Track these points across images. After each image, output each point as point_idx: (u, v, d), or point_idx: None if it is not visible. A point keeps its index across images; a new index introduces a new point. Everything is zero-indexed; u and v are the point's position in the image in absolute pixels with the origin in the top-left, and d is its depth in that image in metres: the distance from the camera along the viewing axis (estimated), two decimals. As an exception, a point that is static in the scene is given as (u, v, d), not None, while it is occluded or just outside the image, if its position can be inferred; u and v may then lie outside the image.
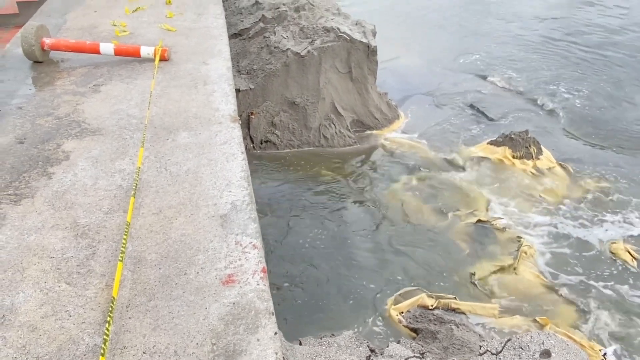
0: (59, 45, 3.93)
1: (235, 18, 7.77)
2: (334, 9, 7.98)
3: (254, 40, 7.32)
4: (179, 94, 3.69)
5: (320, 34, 6.98)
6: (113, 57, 4.04)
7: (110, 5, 5.26)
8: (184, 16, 5.11)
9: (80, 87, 3.66)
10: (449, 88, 8.24)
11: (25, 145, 3.00)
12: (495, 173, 6.01)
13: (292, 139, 6.66)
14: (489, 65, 9.12)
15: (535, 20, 11.61)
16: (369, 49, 7.00)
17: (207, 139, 3.18)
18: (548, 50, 9.90)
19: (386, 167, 6.18)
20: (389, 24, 10.67)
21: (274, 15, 7.40)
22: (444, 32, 10.86)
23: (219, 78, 3.97)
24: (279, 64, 6.77)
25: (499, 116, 7.39)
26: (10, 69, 3.91)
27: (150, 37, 4.53)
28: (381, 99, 7.35)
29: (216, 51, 4.42)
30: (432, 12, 12.11)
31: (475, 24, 11.39)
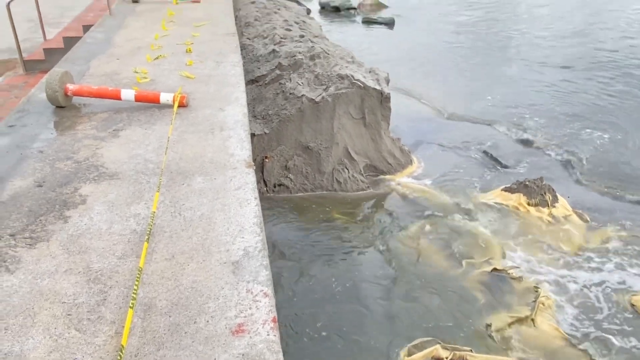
0: (82, 91, 4.07)
1: (253, 65, 7.99)
2: (349, 57, 8.18)
3: (270, 87, 7.49)
4: (195, 139, 3.76)
5: (334, 81, 7.14)
6: (133, 102, 4.16)
7: (132, 53, 5.46)
8: (203, 64, 5.28)
9: (101, 132, 3.75)
10: (462, 134, 8.28)
11: (44, 188, 3.06)
12: (510, 220, 5.94)
13: (305, 183, 6.69)
14: (503, 111, 9.19)
15: (551, 66, 11.75)
16: (382, 96, 7.12)
17: (222, 184, 3.21)
18: (564, 96, 9.96)
19: (399, 212, 6.14)
20: (403, 70, 10.88)
21: (290, 63, 7.61)
22: (458, 77, 11.03)
23: (235, 124, 4.05)
24: (293, 110, 6.89)
25: (512, 163, 7.38)
26: (33, 113, 4.03)
27: (170, 84, 4.66)
28: (394, 145, 7.40)
29: (233, 98, 4.53)
30: (446, 57, 12.35)
31: (490, 69, 11.56)
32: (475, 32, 15.15)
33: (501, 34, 14.94)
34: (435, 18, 16.79)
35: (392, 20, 15.71)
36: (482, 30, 15.34)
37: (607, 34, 15.13)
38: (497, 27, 15.85)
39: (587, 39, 14.56)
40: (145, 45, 5.76)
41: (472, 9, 18.43)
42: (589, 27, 16.02)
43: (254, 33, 9.17)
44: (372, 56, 11.37)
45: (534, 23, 16.37)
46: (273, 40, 8.54)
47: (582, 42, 14.18)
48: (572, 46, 13.84)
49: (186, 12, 7.35)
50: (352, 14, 16.91)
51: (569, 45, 13.89)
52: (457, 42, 13.91)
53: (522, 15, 17.71)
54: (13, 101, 5.58)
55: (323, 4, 17.41)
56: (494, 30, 15.37)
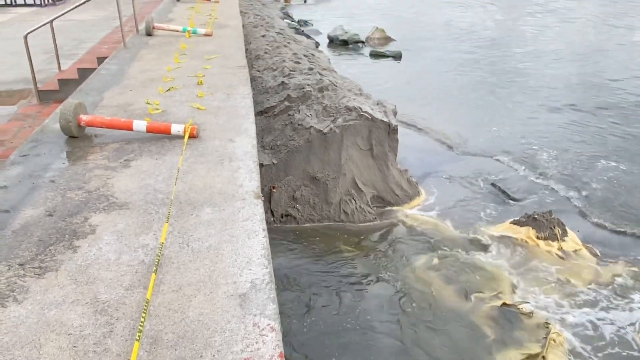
0: (95, 122, 4.14)
1: (262, 97, 8.12)
2: (356, 90, 8.30)
3: (279, 118, 7.59)
4: (205, 170, 3.79)
5: (342, 113, 7.22)
6: (145, 133, 4.22)
7: (145, 85, 5.57)
8: (214, 96, 5.37)
9: (112, 162, 3.80)
10: (470, 166, 8.29)
11: (54, 218, 3.08)
12: (519, 254, 5.88)
13: (312, 214, 6.69)
14: (511, 144, 9.21)
15: (557, 100, 11.82)
16: (390, 128, 7.19)
17: (230, 215, 3.22)
18: (571, 130, 9.99)
19: (407, 244, 6.11)
20: (410, 102, 10.99)
21: (298, 95, 7.72)
22: (465, 110, 11.11)
23: (244, 155, 4.09)
24: (302, 141, 6.96)
25: (521, 196, 7.35)
26: (46, 143, 4.10)
27: (181, 115, 4.74)
28: (402, 176, 7.42)
29: (243, 129, 4.58)
30: (453, 90, 12.47)
31: (497, 103, 11.64)
32: (482, 66, 15.34)
33: (508, 69, 15.12)
34: (442, 52, 17.04)
35: (400, 53, 15.96)
36: (489, 65, 15.53)
37: (612, 69, 15.26)
38: (503, 61, 16.05)
39: (593, 75, 14.68)
40: (158, 77, 5.89)
41: (479, 44, 18.72)
42: (595, 63, 16.18)
43: (264, 65, 9.35)
44: (379, 88, 11.52)
45: (540, 59, 16.57)
46: (282, 72, 8.70)
47: (588, 78, 14.30)
48: (579, 82, 13.95)
49: (198, 46, 7.52)
50: (360, 47, 17.21)
51: (575, 81, 14.01)
52: (464, 76, 14.07)
53: (528, 50, 17.94)
54: (27, 130, 5.69)
55: (331, 37, 17.75)
56: (500, 65, 15.56)
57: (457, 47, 18.00)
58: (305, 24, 20.80)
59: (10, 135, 5.58)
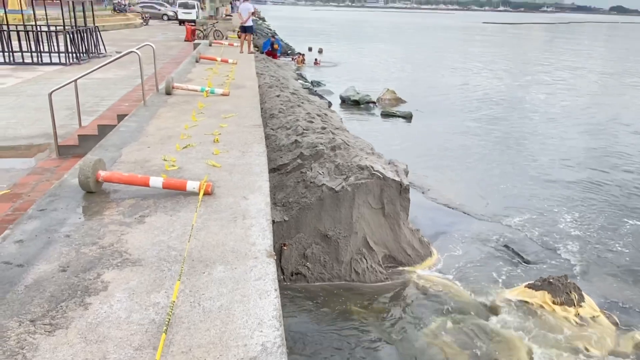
0: (113, 178, 4.23)
1: (275, 154, 8.26)
2: (368, 149, 8.43)
3: (292, 175, 7.68)
4: (218, 227, 3.81)
5: (354, 171, 7.29)
6: (161, 189, 4.29)
7: (163, 142, 5.72)
8: (229, 153, 5.48)
9: (127, 218, 3.84)
10: (482, 227, 8.23)
11: (67, 273, 3.09)
12: (535, 320, 5.71)
13: (322, 272, 6.61)
14: (523, 205, 9.17)
15: (568, 161, 11.86)
16: (402, 187, 7.22)
17: (242, 274, 3.20)
18: (583, 191, 9.95)
19: (419, 307, 5.97)
20: (422, 162, 11.09)
21: (311, 153, 7.85)
22: (475, 170, 11.17)
23: (258, 213, 4.11)
24: (313, 198, 7.00)
25: (534, 258, 7.23)
26: (64, 198, 4.17)
27: (197, 172, 4.82)
28: (413, 235, 7.37)
29: (256, 187, 4.64)
30: (463, 151, 12.59)
31: (507, 164, 11.70)
32: (492, 127, 15.57)
33: (518, 131, 15.32)
34: (452, 113, 17.38)
35: (410, 114, 16.29)
36: (499, 126, 15.76)
37: (624, 130, 15.39)
38: (513, 123, 16.30)
39: (604, 137, 14.81)
40: (176, 134, 6.04)
41: (489, 106, 19.10)
42: (606, 124, 16.36)
43: (278, 124, 9.58)
44: (391, 148, 11.68)
45: (550, 121, 16.81)
46: (296, 131, 8.89)
47: (599, 140, 14.42)
48: (590, 144, 14.06)
49: (215, 105, 7.76)
50: (371, 108, 17.62)
51: (586, 143, 14.12)
52: (475, 137, 14.26)
53: (538, 112, 18.24)
54: (44, 184, 5.81)
55: (344, 97, 18.23)
56: (510, 127, 15.79)
57: (467, 109, 18.36)
58: (318, 84, 21.45)
59: (28, 188, 5.69)
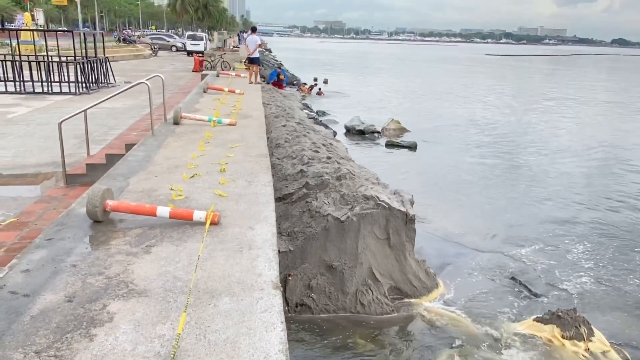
0: (120, 207, 4.25)
1: (281, 184, 8.29)
2: (374, 179, 8.45)
3: (297, 205, 7.68)
4: (224, 257, 3.80)
5: (360, 201, 7.29)
6: (168, 219, 4.30)
7: (170, 171, 5.76)
8: (235, 183, 5.51)
9: (133, 248, 3.85)
10: (488, 258, 8.16)
11: (74, 304, 3.07)
12: (544, 354, 5.59)
13: (327, 304, 6.54)
14: (529, 235, 9.11)
15: (575, 193, 11.83)
16: (407, 217, 7.20)
17: (248, 306, 3.18)
18: (594, 219, 9.89)
19: (426, 340, 5.87)
20: (427, 192, 11.08)
21: (317, 183, 7.87)
22: (481, 200, 11.14)
23: (264, 243, 4.11)
24: (319, 228, 6.98)
25: (542, 291, 7.13)
26: (71, 227, 4.19)
27: (204, 202, 4.84)
28: (419, 267, 7.31)
29: (262, 217, 4.64)
30: (468, 181, 12.60)
31: (513, 194, 11.68)
32: (497, 158, 15.61)
33: (522, 161, 15.35)
34: (456, 143, 17.46)
35: (415, 144, 16.38)
36: (504, 157, 15.80)
37: (627, 164, 15.39)
38: (518, 153, 16.34)
39: (609, 168, 14.80)
40: (183, 164, 6.09)
41: (493, 136, 19.19)
42: (611, 157, 16.37)
43: (284, 153, 9.64)
44: (396, 178, 11.69)
45: (555, 151, 16.85)
46: (301, 160, 8.94)
47: (605, 171, 14.40)
48: (595, 174, 14.05)
49: (222, 134, 7.84)
50: (376, 137, 17.73)
51: (591, 173, 14.11)
52: (479, 167, 14.29)
53: (543, 143, 18.30)
54: (51, 212, 5.83)
55: (349, 127, 18.38)
56: (515, 157, 15.83)
57: (472, 139, 18.45)
58: (323, 114, 21.67)
59: (34, 217, 5.71)
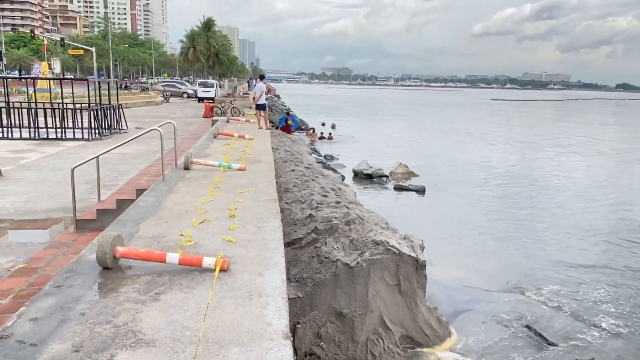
0: (130, 254, 4.24)
1: (289, 228, 8.26)
2: (383, 223, 8.40)
3: (306, 250, 7.62)
4: (233, 306, 3.74)
5: (369, 247, 7.22)
6: (177, 265, 4.27)
7: (180, 216, 5.77)
8: (245, 228, 5.49)
9: (142, 295, 3.80)
10: (502, 304, 7.97)
11: (80, 354, 3.02)
12: (564, 408, 5.36)
13: (337, 353, 6.36)
14: (543, 278, 8.92)
15: (586, 234, 11.65)
16: (418, 263, 7.10)
17: (258, 357, 3.10)
18: (608, 263, 9.68)
19: (440, 392, 5.67)
20: (437, 237, 10.97)
21: (326, 228, 7.83)
22: (491, 244, 11.00)
23: (273, 291, 4.05)
24: (328, 274, 6.89)
25: (558, 339, 6.91)
26: (80, 274, 4.17)
27: (213, 248, 4.82)
28: (431, 314, 7.14)
29: (272, 263, 4.60)
30: (478, 224, 12.48)
31: (524, 236, 11.53)
32: (505, 200, 15.54)
33: (532, 203, 15.25)
34: (465, 186, 17.44)
35: (423, 188, 16.36)
36: (513, 199, 15.72)
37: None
38: (526, 196, 16.26)
39: (622, 210, 14.65)
40: (193, 209, 6.11)
41: (501, 179, 19.17)
42: (626, 197, 16.23)
43: (293, 198, 9.66)
44: (405, 222, 11.62)
45: (564, 193, 16.75)
46: (310, 205, 8.94)
47: (618, 212, 14.25)
48: (609, 216, 13.89)
49: (232, 179, 7.89)
50: (384, 181, 17.76)
51: (605, 215, 13.96)
52: (489, 210, 14.20)
53: (552, 185, 18.23)
54: (61, 259, 5.82)
55: (357, 171, 18.46)
56: (524, 199, 15.74)
57: (480, 182, 18.43)
58: (331, 158, 21.85)
59: (43, 263, 5.70)
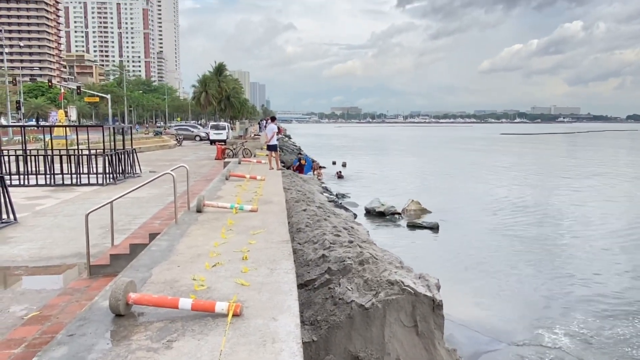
0: (142, 300, 4.20)
1: (302, 269, 8.17)
2: (397, 262, 8.28)
3: (319, 291, 7.51)
4: (247, 352, 3.66)
5: (384, 287, 7.10)
6: (190, 311, 4.22)
7: (192, 260, 5.75)
8: (257, 271, 5.44)
9: (154, 343, 3.75)
10: (523, 348, 7.71)
11: (92, 406, 2.95)
12: None
13: (355, 399, 6.16)
14: (565, 323, 8.64)
15: (607, 274, 11.35)
16: (435, 303, 6.94)
17: (273, 406, 3.00)
18: (630, 310, 9.38)
19: None
20: (453, 275, 10.77)
21: (339, 268, 7.74)
22: (508, 281, 10.75)
23: (287, 336, 3.97)
24: (343, 316, 6.76)
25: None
26: (93, 322, 4.13)
27: (226, 292, 4.77)
28: (450, 357, 6.92)
29: (285, 307, 4.52)
30: (493, 261, 12.24)
31: (544, 274, 11.26)
32: (521, 237, 15.30)
33: (547, 239, 14.99)
34: (479, 223, 17.24)
35: (437, 224, 16.20)
36: (528, 236, 15.48)
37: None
38: (541, 232, 16.01)
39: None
40: (205, 252, 6.09)
41: (516, 215, 18.94)
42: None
43: (305, 238, 9.61)
44: (420, 261, 11.45)
45: (583, 229, 16.46)
46: (323, 245, 8.87)
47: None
48: (629, 251, 13.57)
49: (244, 221, 7.89)
50: (396, 219, 17.64)
51: (624, 250, 13.64)
52: (504, 247, 13.97)
53: (567, 221, 17.94)
54: (74, 306, 5.79)
55: (369, 209, 18.39)
56: (539, 235, 15.49)
57: (494, 217, 18.23)
58: (343, 196, 21.84)
59: (57, 310, 5.68)
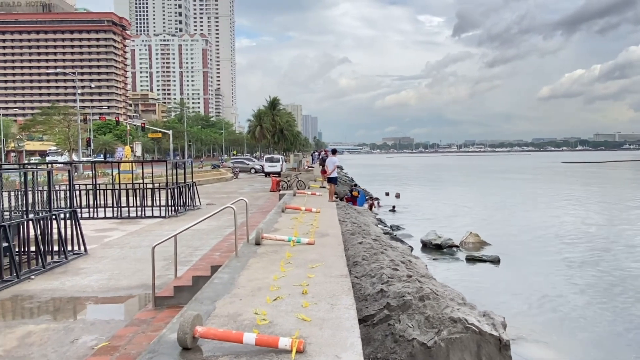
0: (208, 334, 4.27)
1: (360, 304, 8.05)
2: (459, 299, 8.01)
3: (379, 327, 7.36)
4: (312, 391, 3.62)
5: (446, 324, 6.87)
6: (254, 346, 4.24)
7: (253, 294, 5.81)
8: (318, 306, 5.41)
9: (220, 379, 3.78)
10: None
11: None
12: None
13: None
14: None
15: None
16: (501, 343, 6.63)
17: None
18: None
19: None
20: (520, 312, 10.26)
21: (398, 304, 7.57)
22: (582, 316, 10.10)
23: (352, 374, 3.89)
24: (404, 354, 6.57)
25: None
26: (162, 354, 4.22)
27: (287, 327, 4.76)
28: (520, 400, 6.53)
29: (348, 344, 4.45)
30: (563, 296, 11.58)
31: (619, 308, 10.52)
32: (588, 268, 14.45)
33: (618, 271, 14.05)
34: (542, 255, 16.45)
35: (498, 258, 15.56)
36: (597, 267, 14.59)
37: None
38: (610, 263, 15.06)
39: None
40: (265, 285, 6.13)
41: (581, 245, 17.97)
42: None
43: (362, 272, 9.50)
44: (482, 297, 11.00)
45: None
46: (381, 279, 8.73)
47: None
48: None
49: (302, 254, 7.91)
50: (454, 252, 17.12)
51: None
52: (572, 280, 13.21)
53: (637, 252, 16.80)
54: (140, 336, 5.97)
55: (425, 242, 17.99)
56: (607, 267, 14.55)
57: (558, 249, 17.34)
58: (397, 228, 21.52)
59: (124, 341, 5.86)
